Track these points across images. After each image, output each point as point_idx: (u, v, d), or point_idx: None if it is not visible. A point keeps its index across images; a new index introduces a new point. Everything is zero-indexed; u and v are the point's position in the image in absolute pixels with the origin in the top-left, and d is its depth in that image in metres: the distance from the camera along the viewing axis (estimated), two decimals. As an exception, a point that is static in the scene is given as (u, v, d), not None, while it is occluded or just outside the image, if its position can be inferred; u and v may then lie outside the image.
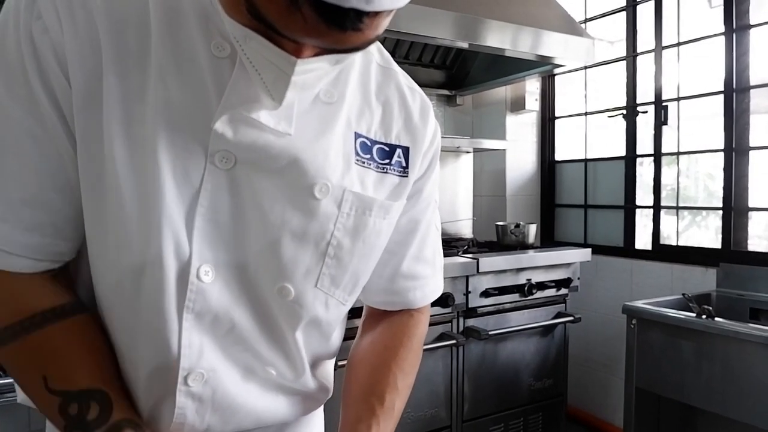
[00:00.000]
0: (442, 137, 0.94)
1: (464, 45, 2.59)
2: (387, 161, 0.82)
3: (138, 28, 0.68)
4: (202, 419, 0.76)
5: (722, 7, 2.86)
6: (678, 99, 3.10)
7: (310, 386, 0.87)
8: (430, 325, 2.34)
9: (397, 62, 0.88)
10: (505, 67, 3.24)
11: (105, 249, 0.70)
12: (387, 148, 0.82)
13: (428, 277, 0.96)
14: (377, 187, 0.81)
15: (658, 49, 3.16)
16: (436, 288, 1.00)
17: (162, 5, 0.69)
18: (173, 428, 0.75)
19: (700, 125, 3.14)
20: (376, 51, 0.87)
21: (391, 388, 0.86)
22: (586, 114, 3.60)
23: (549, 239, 3.80)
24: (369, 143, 0.81)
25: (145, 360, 0.72)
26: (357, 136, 0.79)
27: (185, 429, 0.75)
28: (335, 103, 0.77)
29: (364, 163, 0.79)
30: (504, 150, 3.55)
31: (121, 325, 0.73)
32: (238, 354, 0.77)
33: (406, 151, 0.84)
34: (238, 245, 0.73)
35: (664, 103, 3.14)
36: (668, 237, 3.19)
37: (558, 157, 3.79)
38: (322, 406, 1.00)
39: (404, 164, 0.84)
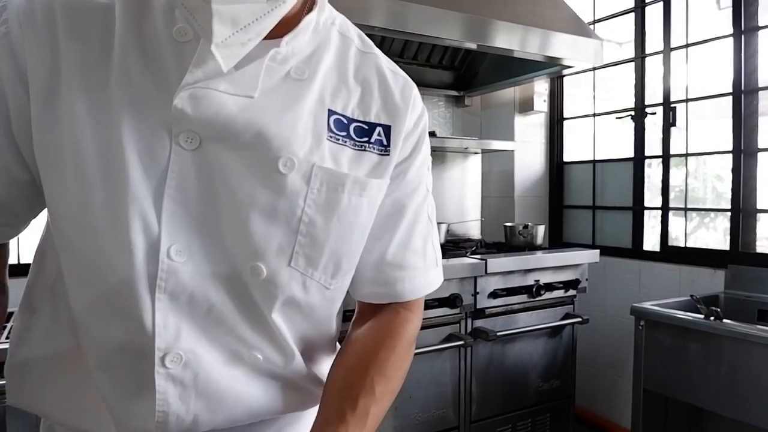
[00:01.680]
0: (450, 138, 0.94)
1: (472, 46, 2.60)
2: (365, 139, 0.81)
3: (102, 21, 0.71)
4: (187, 407, 0.75)
5: (731, 9, 2.85)
6: (686, 100, 3.09)
7: (304, 375, 0.85)
8: (439, 325, 2.38)
9: (406, 63, 0.89)
10: (513, 68, 3.25)
11: (71, 235, 0.71)
12: (366, 126, 0.82)
13: (418, 269, 0.92)
14: (354, 165, 0.80)
15: (667, 50, 3.15)
16: (427, 283, 0.94)
17: None
18: (158, 418, 0.74)
19: (708, 127, 3.14)
20: (357, 37, 0.88)
21: (366, 392, 0.81)
22: (594, 115, 3.60)
23: (557, 240, 3.80)
24: (345, 121, 0.80)
25: (120, 343, 0.72)
26: (331, 113, 0.79)
27: (170, 419, 0.74)
28: (306, 80, 0.77)
29: (339, 140, 0.79)
30: (512, 151, 3.55)
31: (93, 309, 0.73)
32: (220, 337, 0.76)
33: (387, 129, 0.83)
34: (210, 225, 0.73)
35: (672, 105, 3.13)
36: (676, 238, 3.18)
37: (566, 158, 3.79)
38: None
39: (385, 142, 0.83)
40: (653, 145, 3.29)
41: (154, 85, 0.70)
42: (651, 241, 3.32)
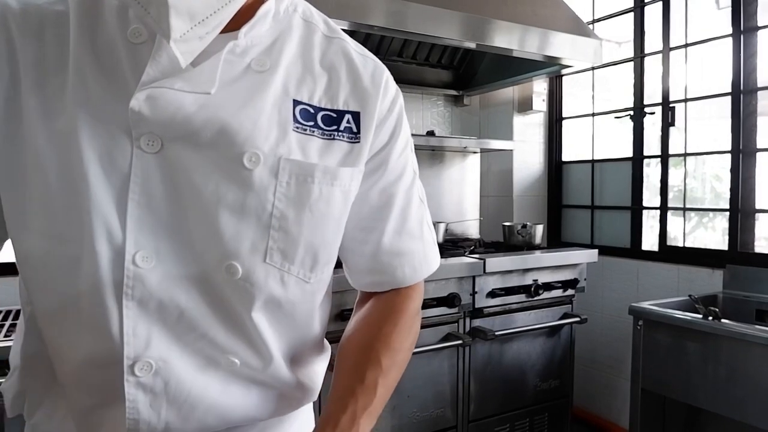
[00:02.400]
0: (449, 137, 0.93)
1: (472, 45, 2.60)
2: (334, 128, 0.79)
3: (56, 29, 0.70)
4: (158, 415, 0.73)
5: (730, 9, 2.85)
6: (685, 100, 3.09)
7: (285, 379, 0.83)
8: (437, 325, 2.38)
9: (405, 62, 0.88)
10: (512, 67, 3.25)
11: (32, 245, 0.70)
12: (334, 115, 0.80)
13: (416, 252, 0.92)
14: (323, 154, 0.78)
15: (666, 50, 3.15)
16: (427, 264, 0.95)
17: (83, 2, 0.72)
18: (129, 426, 0.72)
19: (707, 126, 3.14)
20: (322, 22, 0.85)
21: (373, 365, 0.82)
22: (593, 115, 3.60)
23: (556, 240, 3.80)
24: (312, 110, 0.78)
25: (87, 353, 0.71)
26: (296, 103, 0.77)
27: (141, 427, 0.73)
28: (267, 71, 0.75)
29: (306, 130, 0.77)
30: (511, 150, 3.55)
31: (59, 320, 0.72)
32: (194, 342, 0.74)
33: (356, 116, 0.81)
34: (179, 228, 0.71)
35: (671, 105, 3.13)
36: (675, 238, 3.19)
37: (565, 157, 3.79)
38: (311, 412, 0.96)
39: (355, 129, 0.81)
40: (652, 144, 3.29)
41: (111, 90, 0.69)
42: (649, 241, 3.32)
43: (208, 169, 0.71)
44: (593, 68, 3.50)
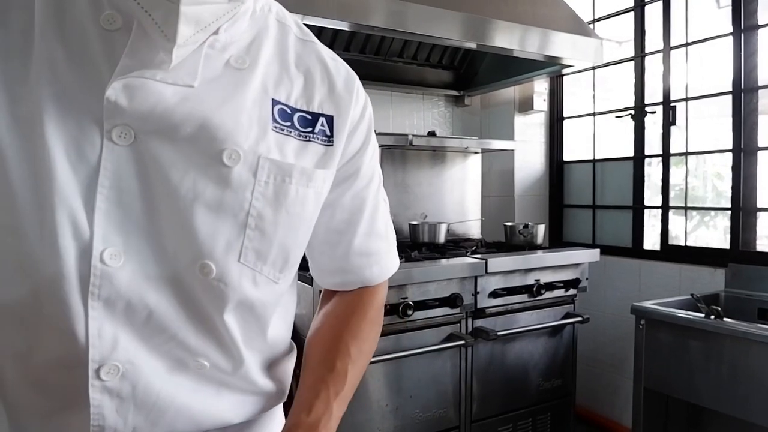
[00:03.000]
0: (450, 138, 0.94)
1: (472, 45, 2.61)
2: (309, 129, 0.79)
3: (21, 10, 0.66)
4: (125, 421, 0.70)
5: (730, 8, 2.85)
6: (686, 99, 3.09)
7: (255, 381, 0.82)
8: (439, 325, 2.38)
9: (405, 63, 0.89)
10: (513, 67, 3.25)
11: None
12: (309, 117, 0.80)
13: (382, 252, 0.95)
14: (299, 155, 0.78)
15: (667, 49, 3.15)
16: (392, 263, 0.98)
17: None
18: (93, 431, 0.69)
19: (708, 125, 3.14)
20: (294, 25, 0.85)
21: (342, 354, 0.85)
22: (594, 114, 3.60)
23: (557, 240, 3.80)
24: (289, 111, 0.78)
25: (49, 355, 0.67)
26: (275, 102, 0.76)
27: None
28: (247, 68, 0.74)
29: (283, 130, 0.76)
30: (512, 150, 3.56)
31: (21, 320, 0.67)
32: (163, 344, 0.72)
33: (329, 119, 0.81)
34: (151, 225, 0.69)
35: (672, 104, 3.13)
36: (677, 237, 3.19)
37: (566, 157, 3.79)
38: (281, 412, 0.95)
39: (328, 133, 0.81)
40: (653, 144, 3.29)
41: (81, 77, 0.65)
42: (651, 240, 3.32)
43: (185, 165, 0.69)
44: (594, 68, 3.50)
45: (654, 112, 3.25)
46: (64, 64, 0.65)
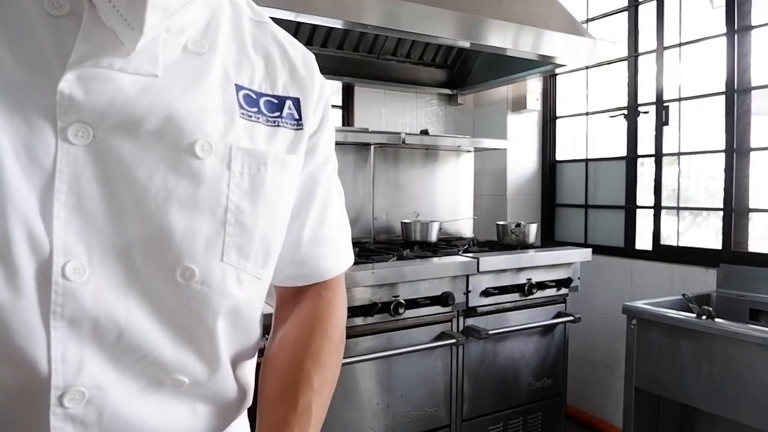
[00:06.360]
0: (443, 136, 0.91)
1: (466, 44, 2.60)
2: (277, 114, 0.75)
3: None
4: None
5: (724, 8, 2.86)
6: (679, 99, 3.10)
7: (228, 387, 0.77)
8: (430, 324, 2.37)
9: (399, 61, 0.87)
10: (506, 66, 3.26)
11: None
12: (275, 101, 0.76)
13: (337, 242, 0.89)
14: (270, 142, 0.74)
15: (660, 49, 3.15)
16: (347, 256, 0.92)
17: None
18: None
19: (701, 126, 3.14)
20: (246, 5, 0.80)
21: (304, 386, 0.77)
22: (587, 114, 3.60)
23: (549, 239, 3.80)
24: (254, 96, 0.73)
25: (8, 384, 0.59)
26: (239, 88, 0.72)
27: None
28: (206, 53, 0.69)
29: (251, 117, 0.72)
30: (505, 149, 3.56)
31: None
32: (135, 364, 0.65)
33: (296, 102, 0.78)
34: (118, 232, 0.62)
35: (665, 104, 3.14)
36: (669, 237, 3.19)
37: (559, 156, 3.79)
38: (246, 417, 0.89)
39: (297, 116, 0.77)
40: (646, 143, 3.29)
41: (26, 69, 0.58)
42: (643, 240, 3.33)
43: (153, 162, 0.63)
44: (587, 67, 3.51)
45: (647, 112, 3.25)
46: (5, 54, 0.58)
